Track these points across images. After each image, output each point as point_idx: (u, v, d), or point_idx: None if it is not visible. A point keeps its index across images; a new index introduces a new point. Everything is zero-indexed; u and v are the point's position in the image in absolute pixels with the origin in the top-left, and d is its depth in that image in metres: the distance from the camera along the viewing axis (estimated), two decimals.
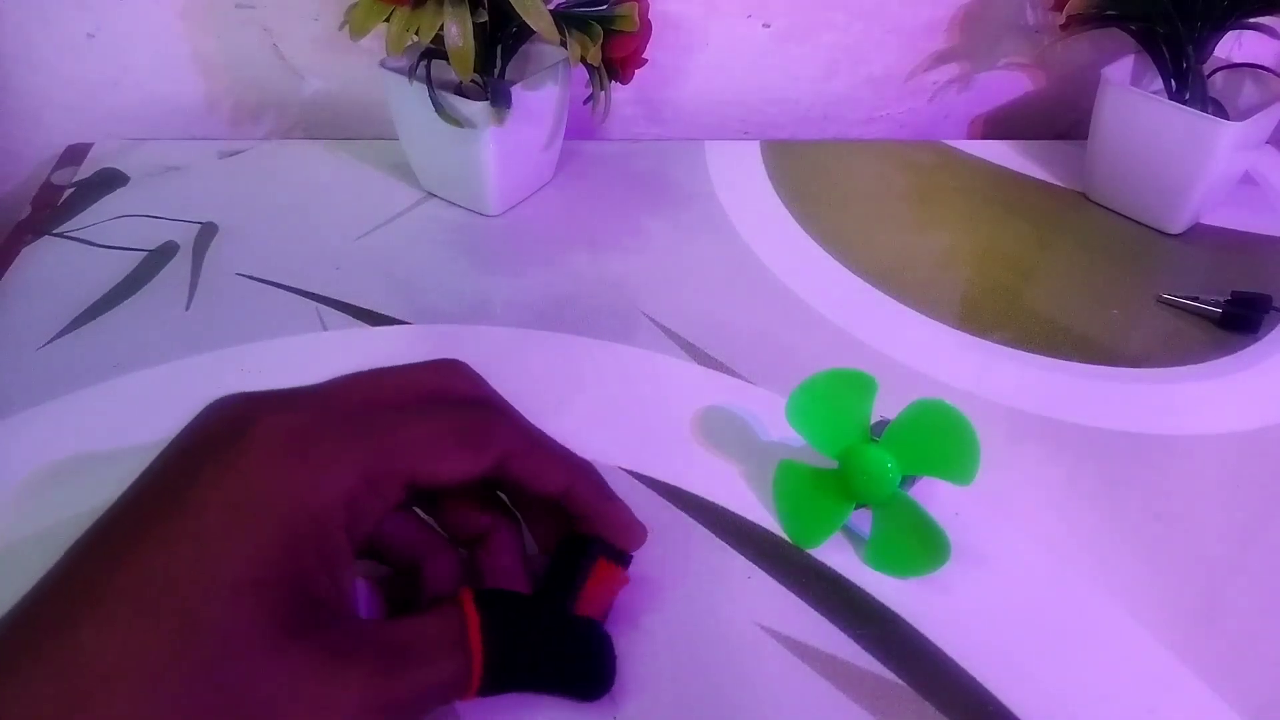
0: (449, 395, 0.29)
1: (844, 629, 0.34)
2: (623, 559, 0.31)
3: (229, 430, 0.25)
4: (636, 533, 0.31)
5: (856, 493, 0.35)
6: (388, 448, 0.26)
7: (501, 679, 0.27)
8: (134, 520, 0.24)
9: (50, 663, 0.21)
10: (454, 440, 0.28)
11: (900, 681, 0.32)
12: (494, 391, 0.31)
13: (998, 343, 0.47)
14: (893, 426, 0.34)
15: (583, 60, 0.48)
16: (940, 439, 0.33)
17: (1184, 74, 0.52)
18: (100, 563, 0.23)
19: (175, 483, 0.24)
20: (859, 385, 0.35)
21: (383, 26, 0.45)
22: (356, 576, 0.26)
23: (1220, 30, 0.51)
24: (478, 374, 0.31)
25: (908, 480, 0.35)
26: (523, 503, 0.32)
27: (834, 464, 0.35)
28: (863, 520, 0.36)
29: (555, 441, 0.31)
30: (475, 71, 0.45)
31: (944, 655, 0.33)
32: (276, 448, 0.25)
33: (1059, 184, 0.59)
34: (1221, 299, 0.49)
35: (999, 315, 0.49)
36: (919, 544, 0.35)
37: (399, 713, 0.24)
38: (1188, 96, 0.52)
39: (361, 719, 0.23)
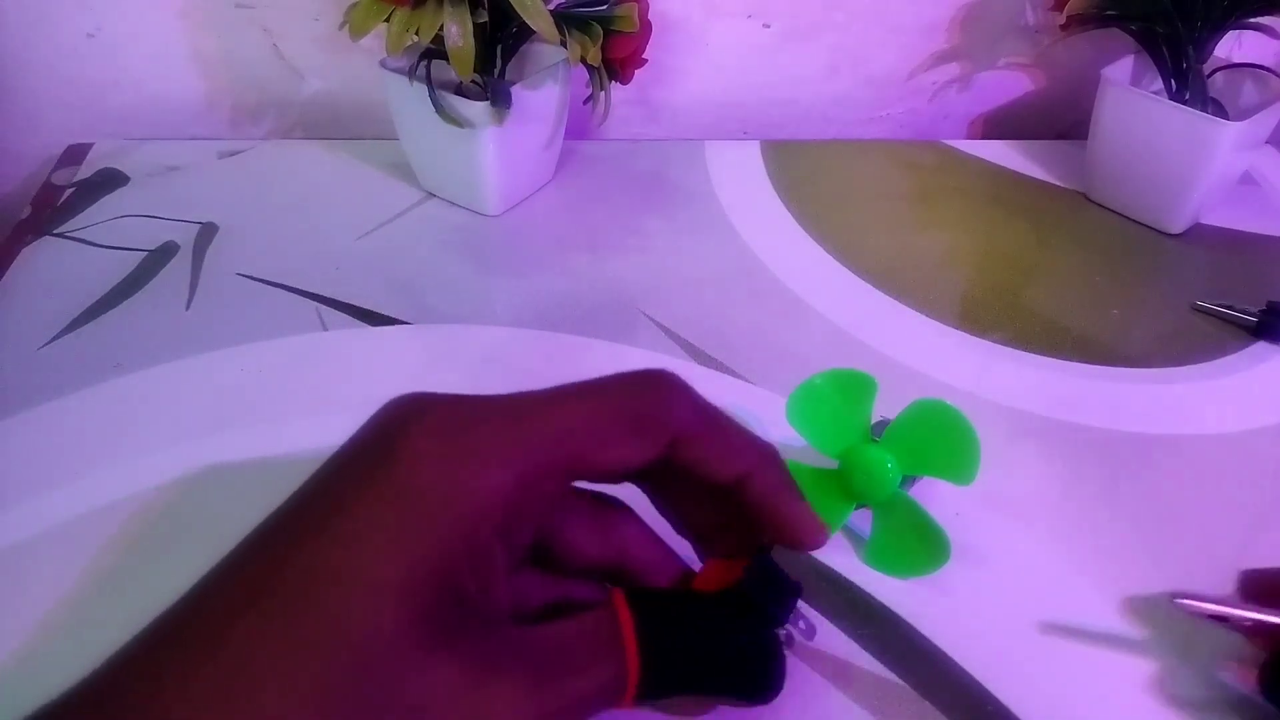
0: (628, 379, 0.26)
1: (844, 629, 0.34)
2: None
3: (393, 427, 0.24)
4: (815, 534, 0.28)
5: (856, 493, 0.35)
6: (543, 433, 0.24)
7: (659, 683, 0.25)
8: (296, 517, 0.23)
9: (203, 657, 0.20)
10: (623, 425, 0.25)
11: (900, 681, 0.32)
12: (679, 380, 0.27)
13: (998, 343, 0.47)
14: (893, 426, 0.34)
15: (583, 60, 0.48)
16: (940, 439, 0.33)
17: (1184, 74, 0.52)
18: (259, 561, 0.22)
19: (337, 481, 0.23)
20: (859, 385, 0.35)
21: (383, 26, 0.45)
22: (506, 590, 0.25)
23: (1220, 30, 0.51)
24: (675, 374, 0.27)
25: (908, 480, 0.35)
26: (677, 488, 0.29)
27: (834, 464, 0.35)
28: (863, 520, 0.36)
29: (735, 421, 0.27)
30: (475, 71, 0.45)
31: (944, 655, 0.33)
32: (431, 445, 0.23)
33: (1059, 184, 0.59)
34: (1256, 308, 0.48)
35: (999, 315, 0.49)
36: (919, 544, 0.35)
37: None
38: (1188, 96, 0.52)
39: None
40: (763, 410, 0.42)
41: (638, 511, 0.29)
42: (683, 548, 0.29)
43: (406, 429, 0.23)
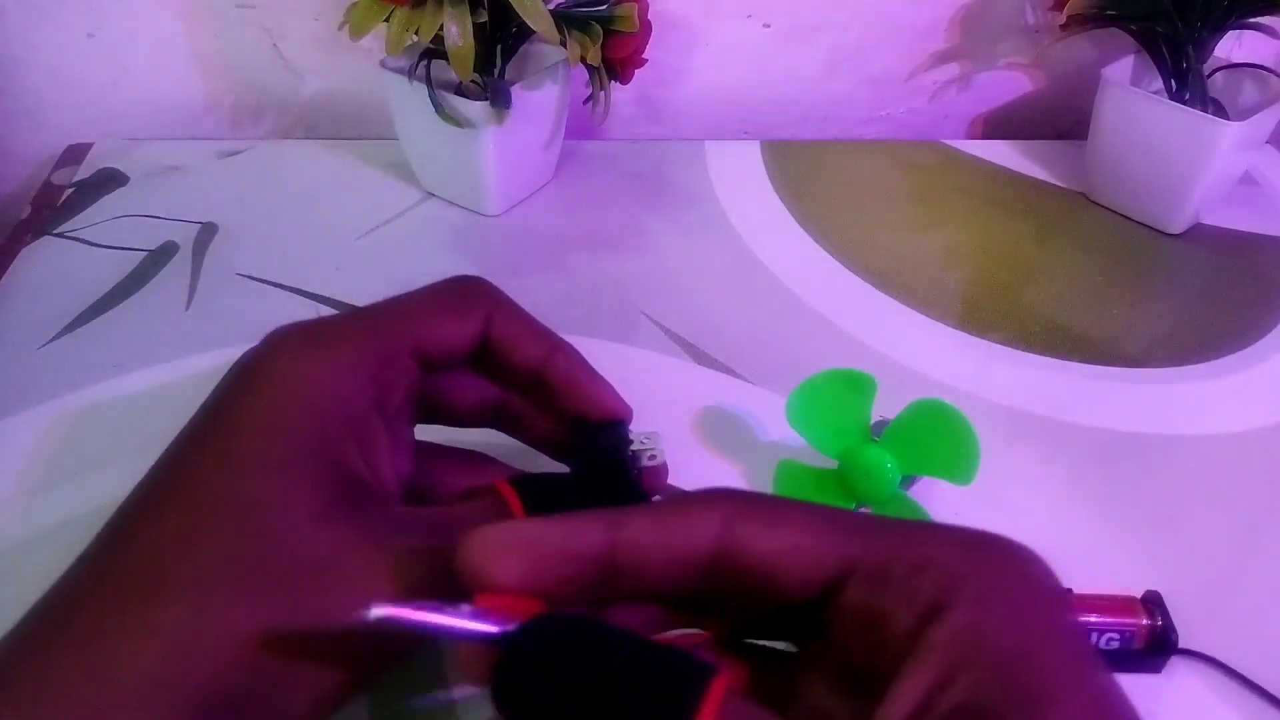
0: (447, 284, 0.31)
1: None
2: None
3: (257, 347, 0.26)
4: (620, 409, 0.31)
5: (856, 493, 0.35)
6: (389, 322, 0.28)
7: None
8: (188, 433, 0.25)
9: (109, 558, 0.22)
10: (449, 304, 0.29)
11: None
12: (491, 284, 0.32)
13: (998, 343, 0.47)
14: (892, 426, 0.34)
15: (583, 60, 0.48)
16: (940, 439, 0.33)
17: (1184, 74, 0.52)
18: (153, 476, 0.24)
19: (215, 399, 0.25)
20: (859, 385, 0.35)
21: (383, 26, 0.45)
22: (391, 471, 0.27)
23: (1220, 30, 0.51)
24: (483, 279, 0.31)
25: (907, 480, 0.35)
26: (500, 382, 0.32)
27: (834, 464, 0.35)
28: None
29: (539, 321, 0.31)
30: (475, 71, 0.45)
31: None
32: (290, 344, 0.26)
33: (1059, 184, 0.59)
34: None
35: (999, 315, 0.49)
36: None
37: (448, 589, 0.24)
38: (1188, 96, 0.52)
39: (410, 592, 0.23)
40: (763, 410, 0.42)
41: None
42: None
43: (268, 343, 0.26)
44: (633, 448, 0.30)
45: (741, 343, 0.46)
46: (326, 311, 0.47)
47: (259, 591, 0.21)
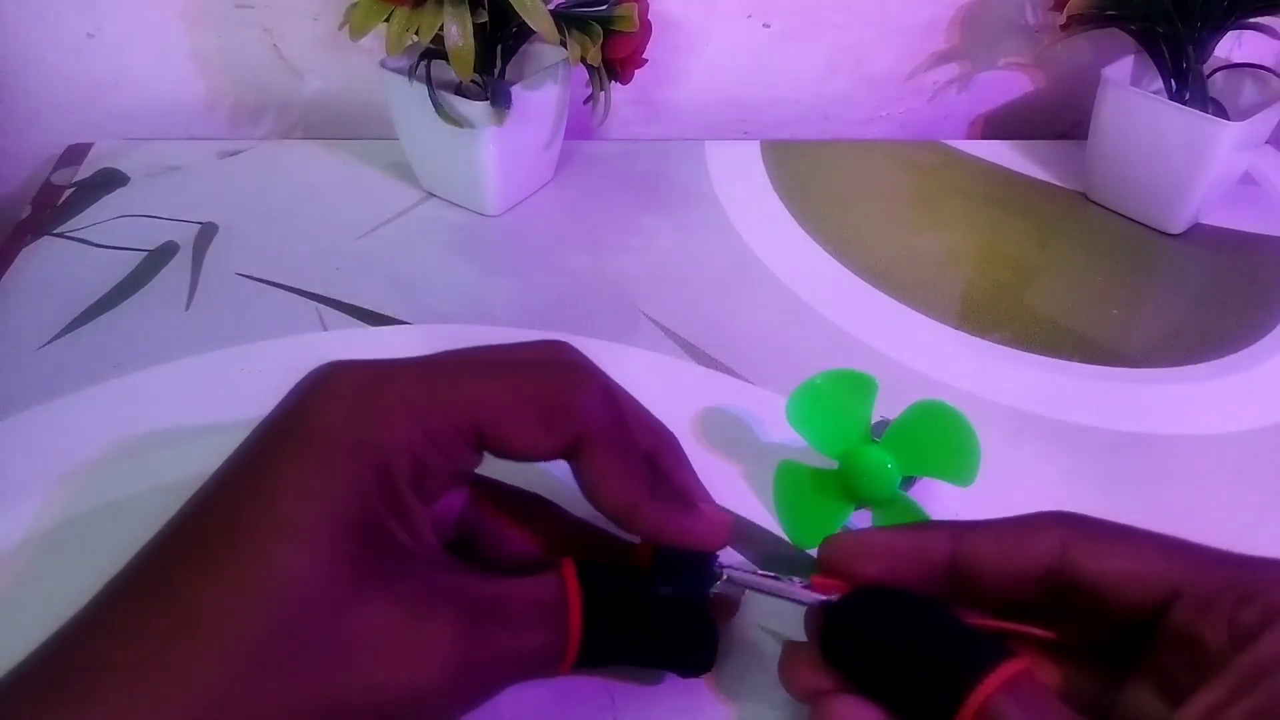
0: (539, 359, 0.27)
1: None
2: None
3: (305, 389, 0.25)
4: (711, 536, 0.28)
5: (857, 493, 0.35)
6: (451, 398, 0.25)
7: (598, 653, 0.25)
8: (222, 481, 0.24)
9: (145, 609, 0.21)
10: (531, 412, 0.25)
11: None
12: (588, 366, 0.28)
13: (998, 343, 0.47)
14: (893, 427, 0.34)
15: (583, 60, 0.48)
16: (941, 439, 0.33)
17: (1184, 74, 0.52)
18: (187, 527, 0.23)
19: (255, 445, 0.24)
20: (859, 385, 0.35)
21: (383, 26, 0.45)
22: (433, 535, 0.25)
23: (1220, 30, 0.51)
24: (582, 354, 0.28)
25: (908, 481, 0.35)
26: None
27: (834, 464, 0.35)
28: (863, 521, 0.36)
29: (636, 442, 0.27)
30: (475, 71, 0.45)
31: None
32: (340, 397, 0.24)
33: (1059, 184, 0.59)
34: None
35: (999, 315, 0.49)
36: None
37: (485, 675, 0.23)
38: (1188, 96, 0.52)
39: (445, 674, 0.22)
40: (763, 410, 0.42)
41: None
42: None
43: (317, 389, 0.24)
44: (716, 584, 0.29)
45: (741, 343, 0.46)
46: (327, 312, 0.47)
47: (284, 662, 0.21)
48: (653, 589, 0.27)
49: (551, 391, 0.26)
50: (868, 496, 0.35)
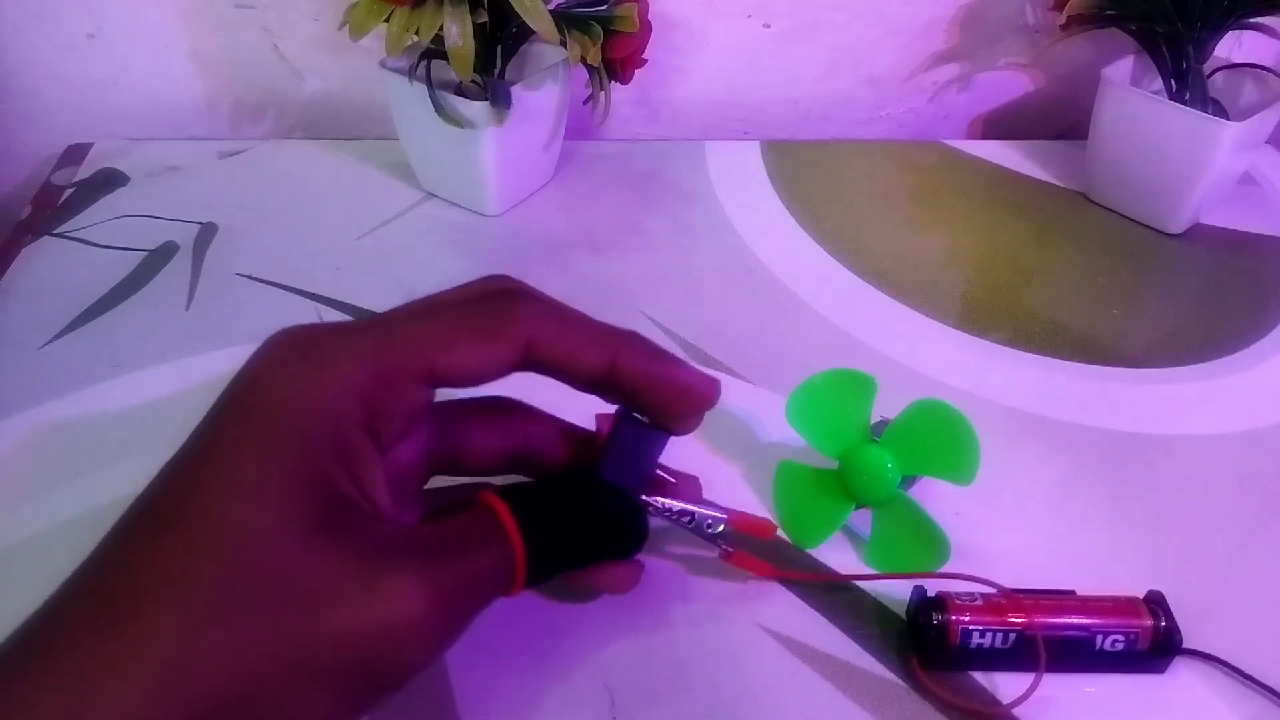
0: (479, 290, 0.28)
1: (844, 629, 0.34)
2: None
3: (254, 356, 0.25)
4: (703, 391, 0.29)
5: (856, 493, 0.35)
6: (396, 339, 0.25)
7: (543, 562, 0.26)
8: (180, 453, 0.24)
9: (95, 582, 0.22)
10: (471, 328, 0.26)
11: (900, 682, 0.32)
12: (530, 287, 0.29)
13: (998, 343, 0.47)
14: (892, 426, 0.34)
15: (583, 60, 0.48)
16: (940, 439, 0.33)
17: (1184, 74, 0.52)
18: (145, 498, 0.23)
19: (210, 414, 0.25)
20: (859, 385, 0.35)
21: (383, 26, 0.45)
22: (387, 491, 0.26)
23: (1220, 30, 0.51)
24: (521, 281, 0.29)
25: (907, 480, 0.35)
26: None
27: (834, 464, 0.35)
28: (863, 520, 0.36)
29: (591, 318, 0.28)
30: (475, 71, 0.45)
31: None
32: (285, 356, 0.25)
33: (1059, 184, 0.59)
34: None
35: (999, 315, 0.49)
36: (919, 544, 0.35)
37: (450, 607, 0.23)
38: (1188, 96, 0.52)
39: (411, 613, 0.22)
40: (763, 410, 0.42)
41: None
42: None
43: (264, 352, 0.25)
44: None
45: (741, 343, 0.46)
46: (327, 312, 0.47)
47: (243, 615, 0.21)
48: (603, 465, 0.29)
49: (493, 309, 0.27)
50: (867, 496, 0.35)
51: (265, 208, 0.54)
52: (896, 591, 0.35)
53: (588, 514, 0.29)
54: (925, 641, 0.32)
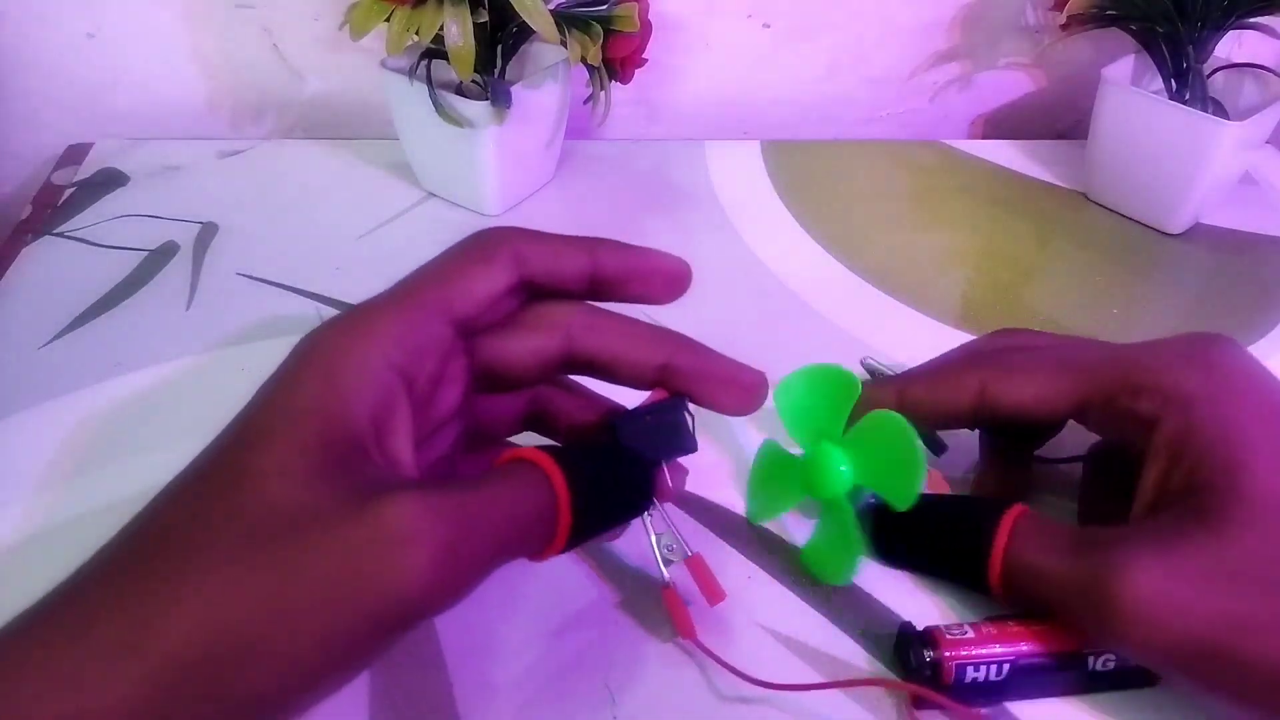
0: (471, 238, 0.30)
1: (844, 629, 0.34)
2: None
3: (290, 353, 0.26)
4: (678, 270, 0.32)
5: (810, 486, 0.34)
6: (413, 285, 0.28)
7: (586, 516, 0.26)
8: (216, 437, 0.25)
9: (127, 531, 0.23)
10: (469, 258, 0.28)
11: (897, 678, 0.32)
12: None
13: None
14: (850, 434, 0.33)
15: (583, 60, 0.48)
16: (887, 455, 0.32)
17: (1184, 74, 0.52)
18: (186, 469, 0.24)
19: (246, 405, 0.25)
20: (842, 384, 0.34)
21: (383, 26, 0.45)
22: (416, 436, 0.26)
23: (1220, 30, 0.51)
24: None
25: (859, 490, 0.34)
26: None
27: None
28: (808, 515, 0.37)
29: (568, 237, 0.30)
30: (475, 71, 0.45)
31: None
32: (329, 325, 0.26)
33: (1059, 184, 0.59)
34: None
35: (999, 315, 0.49)
36: (838, 552, 0.34)
37: (470, 533, 0.23)
38: (1188, 96, 0.52)
39: (417, 528, 0.22)
40: (762, 410, 0.42)
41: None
42: None
43: (299, 346, 0.26)
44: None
45: (741, 343, 0.46)
46: (327, 312, 0.47)
47: (235, 551, 0.21)
48: (621, 428, 0.30)
49: (480, 237, 0.29)
50: (817, 493, 0.34)
51: (265, 208, 0.54)
52: (895, 590, 0.35)
53: (625, 476, 0.29)
54: (915, 680, 0.31)
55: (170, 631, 0.20)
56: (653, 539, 0.31)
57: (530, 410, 0.32)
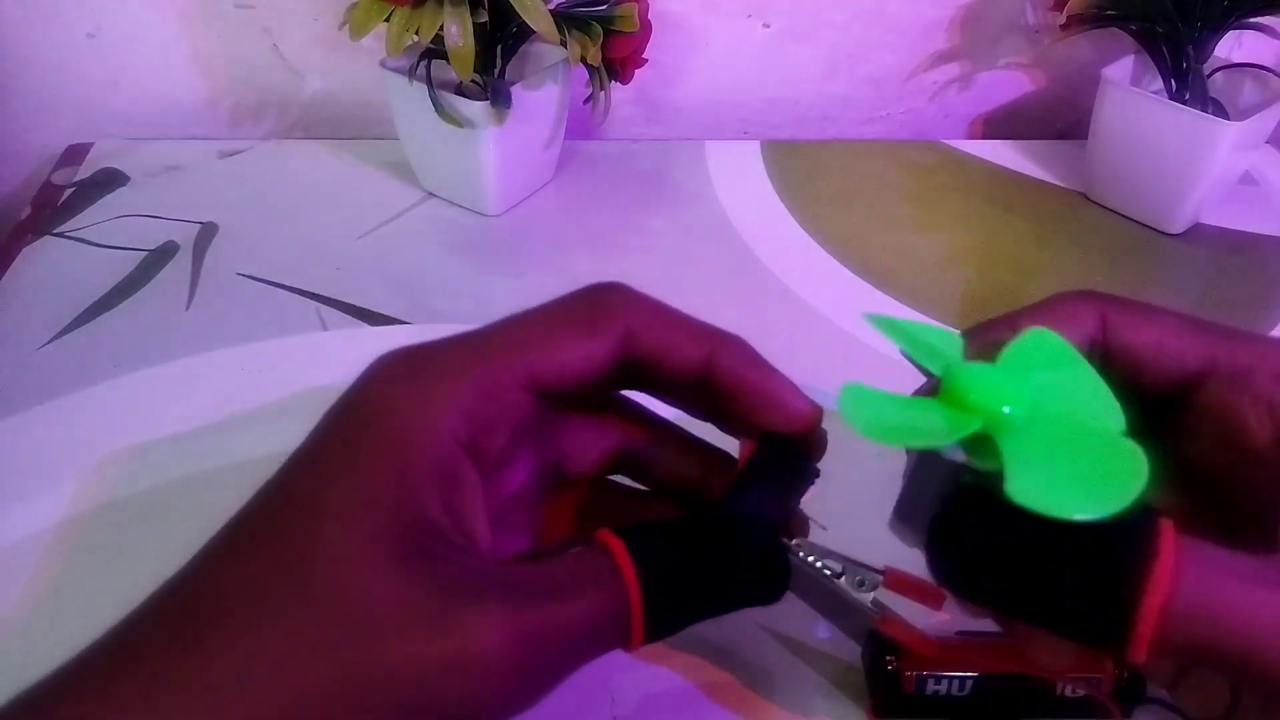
0: (578, 293, 0.26)
1: (844, 629, 0.34)
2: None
3: (360, 377, 0.24)
4: (798, 408, 0.26)
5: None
6: (494, 346, 0.24)
7: (669, 611, 0.23)
8: (270, 482, 0.23)
9: (178, 597, 0.21)
10: (573, 325, 0.25)
11: None
12: (628, 286, 0.27)
13: None
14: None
15: (583, 60, 0.48)
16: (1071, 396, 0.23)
17: (1184, 74, 0.52)
18: (239, 517, 0.23)
19: (313, 434, 0.24)
20: (937, 341, 0.27)
21: (383, 26, 0.45)
22: (496, 526, 0.24)
23: (1220, 30, 0.51)
24: (621, 282, 0.27)
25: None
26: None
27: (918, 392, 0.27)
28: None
29: (691, 316, 0.27)
30: (475, 71, 0.45)
31: None
32: (389, 374, 0.24)
33: (1059, 184, 0.59)
34: None
35: (999, 315, 0.49)
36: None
37: (548, 648, 0.22)
38: (1188, 96, 0.52)
39: (503, 649, 0.21)
40: None
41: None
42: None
43: (371, 372, 0.24)
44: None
45: None
46: (327, 312, 0.47)
47: (310, 638, 0.20)
48: (736, 496, 0.25)
49: (589, 300, 0.26)
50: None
51: (265, 208, 0.54)
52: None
53: (721, 556, 0.25)
54: (877, 688, 0.30)
55: (244, 714, 0.19)
56: (841, 583, 0.27)
57: (620, 449, 0.29)
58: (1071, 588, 0.20)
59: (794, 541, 0.27)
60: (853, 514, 0.28)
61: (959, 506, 0.22)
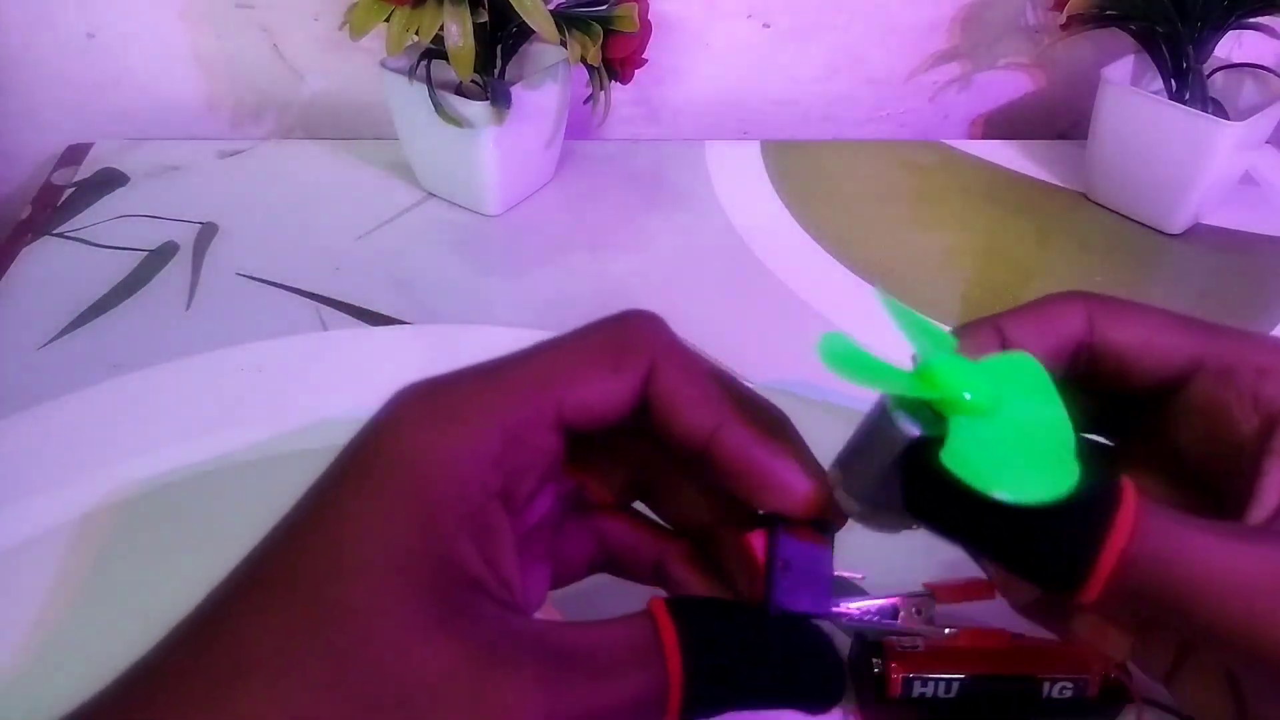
0: (605, 321, 0.25)
1: (844, 629, 0.34)
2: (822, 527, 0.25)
3: (379, 414, 0.23)
4: (801, 496, 0.24)
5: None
6: (522, 384, 0.23)
7: (706, 699, 0.22)
8: (293, 516, 0.22)
9: (201, 655, 0.20)
10: (600, 359, 0.23)
11: None
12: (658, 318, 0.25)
13: None
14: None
15: (583, 60, 0.48)
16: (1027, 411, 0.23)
17: (1184, 74, 0.52)
18: (258, 560, 0.22)
19: (328, 476, 0.23)
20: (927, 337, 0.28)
21: (383, 26, 0.45)
22: (521, 558, 0.23)
23: (1220, 30, 0.51)
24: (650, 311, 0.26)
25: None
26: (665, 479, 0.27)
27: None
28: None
29: (722, 373, 0.25)
30: (475, 71, 0.45)
31: None
32: (410, 415, 0.22)
33: (1059, 184, 0.59)
34: None
35: None
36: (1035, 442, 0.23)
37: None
38: (1188, 96, 0.52)
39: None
40: None
41: None
42: None
43: (389, 411, 0.23)
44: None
45: (741, 343, 0.46)
46: (327, 312, 0.47)
47: (339, 705, 0.19)
48: (771, 602, 0.24)
49: (615, 335, 0.24)
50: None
51: (265, 208, 0.54)
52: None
53: (776, 647, 0.23)
54: (864, 690, 0.30)
55: None
56: (899, 624, 0.27)
57: (642, 479, 0.28)
58: (1036, 531, 0.21)
59: (841, 609, 0.26)
60: (878, 549, 0.27)
61: (935, 444, 0.21)
